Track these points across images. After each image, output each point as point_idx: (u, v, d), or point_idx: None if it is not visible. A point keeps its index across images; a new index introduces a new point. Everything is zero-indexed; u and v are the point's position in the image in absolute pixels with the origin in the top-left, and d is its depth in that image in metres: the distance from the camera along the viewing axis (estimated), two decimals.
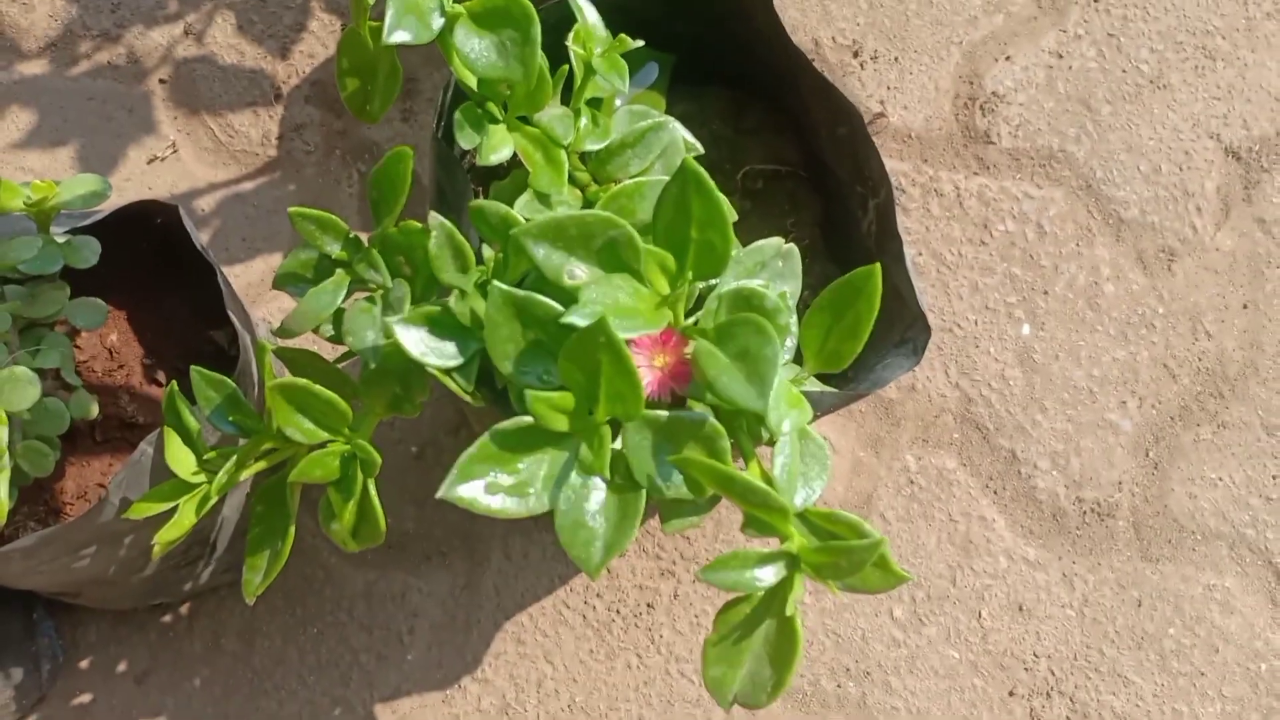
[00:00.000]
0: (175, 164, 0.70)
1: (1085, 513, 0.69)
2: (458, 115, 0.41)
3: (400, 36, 0.39)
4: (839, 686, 0.66)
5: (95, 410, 0.48)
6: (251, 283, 0.69)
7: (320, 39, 0.73)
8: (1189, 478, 0.69)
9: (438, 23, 0.40)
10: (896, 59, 0.77)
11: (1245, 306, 0.72)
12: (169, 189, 0.70)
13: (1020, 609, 0.68)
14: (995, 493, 0.69)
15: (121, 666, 0.64)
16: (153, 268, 0.54)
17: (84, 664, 0.64)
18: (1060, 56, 0.77)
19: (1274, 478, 0.70)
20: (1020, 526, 0.69)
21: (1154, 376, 0.71)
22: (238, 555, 0.61)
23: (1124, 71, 0.77)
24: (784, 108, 0.54)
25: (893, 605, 0.68)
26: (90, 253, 0.46)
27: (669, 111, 0.51)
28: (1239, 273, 0.73)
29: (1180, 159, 0.75)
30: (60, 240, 0.46)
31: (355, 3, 0.41)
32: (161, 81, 0.72)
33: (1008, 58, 0.77)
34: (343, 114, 0.72)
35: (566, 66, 0.43)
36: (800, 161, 0.55)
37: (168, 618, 0.65)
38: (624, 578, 0.67)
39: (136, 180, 0.70)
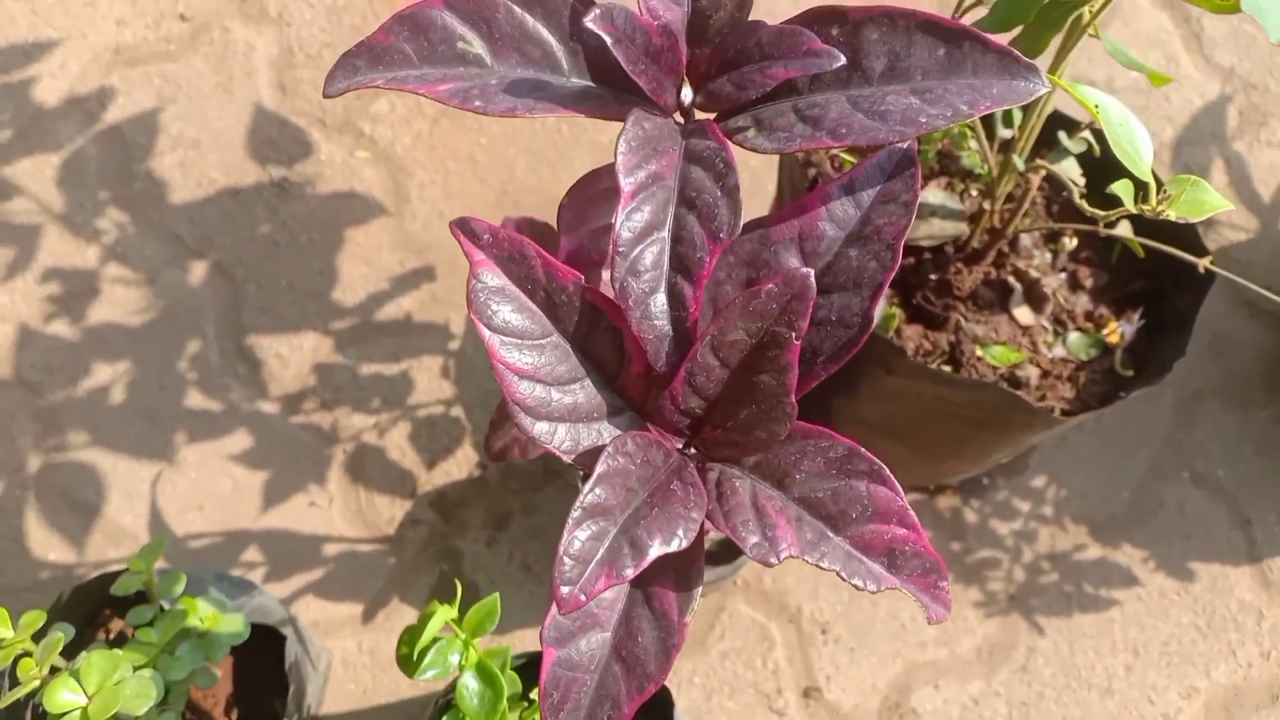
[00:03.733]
0: (325, 513, 0.99)
1: None
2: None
3: (430, 674, 0.65)
4: None
5: None
6: (334, 619, 0.96)
7: (460, 464, 1.01)
8: None
9: (454, 662, 0.66)
10: (853, 649, 0.98)
11: None
12: (312, 529, 0.98)
13: None
14: None
15: None
16: (253, 646, 0.81)
17: None
18: (976, 703, 0.97)
19: None
20: None
21: None
22: None
23: None
24: None
25: None
26: (222, 653, 0.73)
27: None
28: None
29: None
30: (208, 639, 0.73)
31: (402, 650, 0.67)
32: (344, 451, 1.00)
33: (936, 686, 0.98)
34: (449, 521, 0.99)
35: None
36: None
37: None
38: None
39: (296, 514, 0.98)
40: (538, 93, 0.40)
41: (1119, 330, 0.80)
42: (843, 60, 0.38)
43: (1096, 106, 0.48)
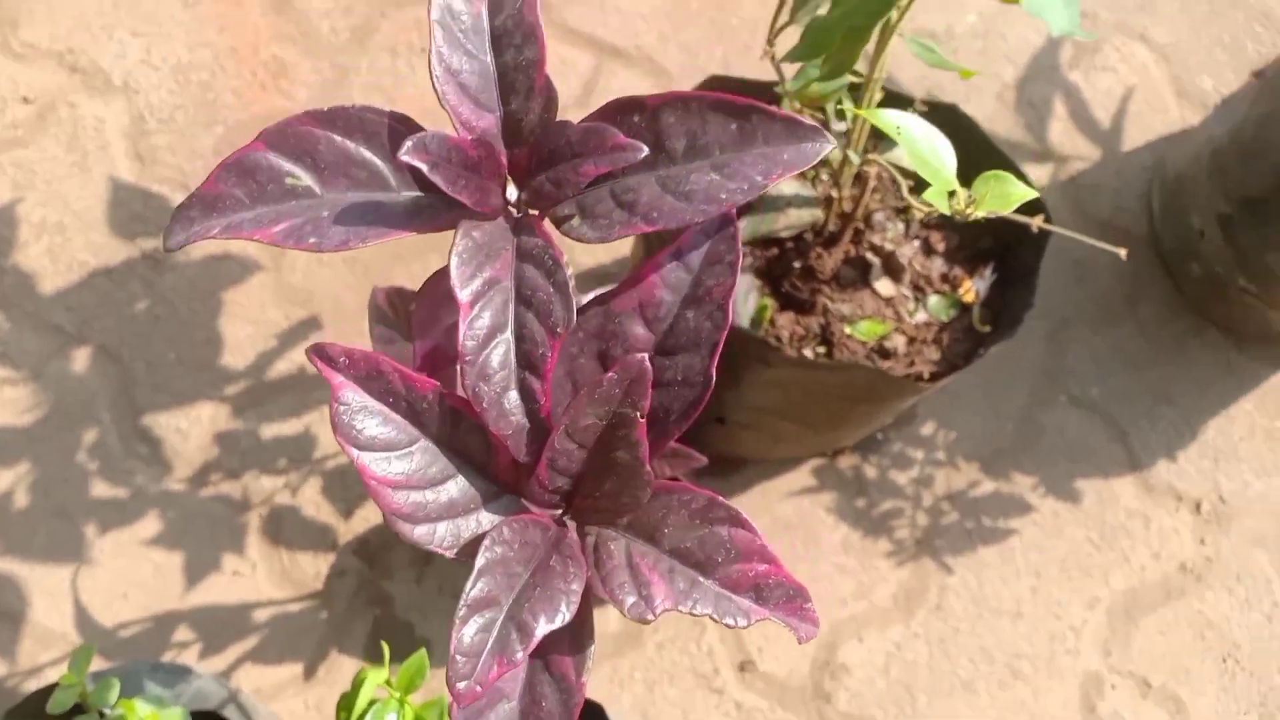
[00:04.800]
0: (250, 580, 1.00)
1: None
2: None
3: None
4: None
5: None
6: (277, 682, 0.97)
7: (376, 510, 1.03)
8: None
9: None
10: None
11: None
12: (240, 597, 0.99)
13: None
14: None
15: None
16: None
17: None
18: (899, 648, 1.03)
19: None
20: None
21: None
22: None
23: (945, 671, 1.03)
24: None
25: None
26: None
27: None
28: None
29: None
30: None
31: (341, 716, 0.69)
32: (259, 515, 1.02)
33: (860, 638, 1.03)
34: (375, 566, 1.01)
35: None
36: None
37: None
38: None
39: (222, 586, 0.99)
40: (370, 216, 0.42)
41: (973, 288, 0.85)
42: (645, 151, 0.41)
43: (899, 129, 0.52)
